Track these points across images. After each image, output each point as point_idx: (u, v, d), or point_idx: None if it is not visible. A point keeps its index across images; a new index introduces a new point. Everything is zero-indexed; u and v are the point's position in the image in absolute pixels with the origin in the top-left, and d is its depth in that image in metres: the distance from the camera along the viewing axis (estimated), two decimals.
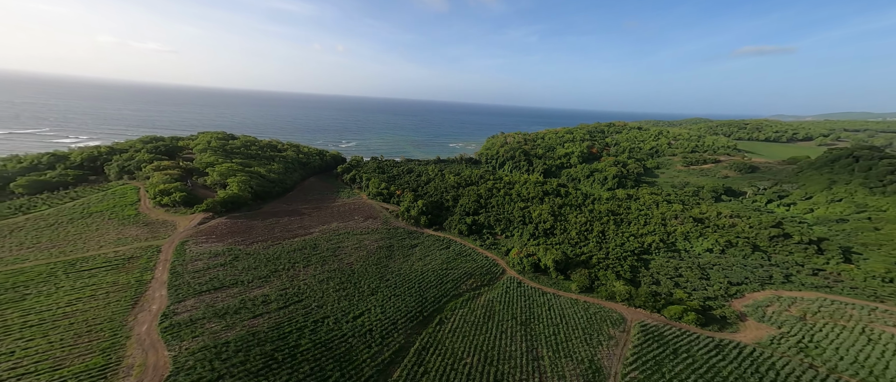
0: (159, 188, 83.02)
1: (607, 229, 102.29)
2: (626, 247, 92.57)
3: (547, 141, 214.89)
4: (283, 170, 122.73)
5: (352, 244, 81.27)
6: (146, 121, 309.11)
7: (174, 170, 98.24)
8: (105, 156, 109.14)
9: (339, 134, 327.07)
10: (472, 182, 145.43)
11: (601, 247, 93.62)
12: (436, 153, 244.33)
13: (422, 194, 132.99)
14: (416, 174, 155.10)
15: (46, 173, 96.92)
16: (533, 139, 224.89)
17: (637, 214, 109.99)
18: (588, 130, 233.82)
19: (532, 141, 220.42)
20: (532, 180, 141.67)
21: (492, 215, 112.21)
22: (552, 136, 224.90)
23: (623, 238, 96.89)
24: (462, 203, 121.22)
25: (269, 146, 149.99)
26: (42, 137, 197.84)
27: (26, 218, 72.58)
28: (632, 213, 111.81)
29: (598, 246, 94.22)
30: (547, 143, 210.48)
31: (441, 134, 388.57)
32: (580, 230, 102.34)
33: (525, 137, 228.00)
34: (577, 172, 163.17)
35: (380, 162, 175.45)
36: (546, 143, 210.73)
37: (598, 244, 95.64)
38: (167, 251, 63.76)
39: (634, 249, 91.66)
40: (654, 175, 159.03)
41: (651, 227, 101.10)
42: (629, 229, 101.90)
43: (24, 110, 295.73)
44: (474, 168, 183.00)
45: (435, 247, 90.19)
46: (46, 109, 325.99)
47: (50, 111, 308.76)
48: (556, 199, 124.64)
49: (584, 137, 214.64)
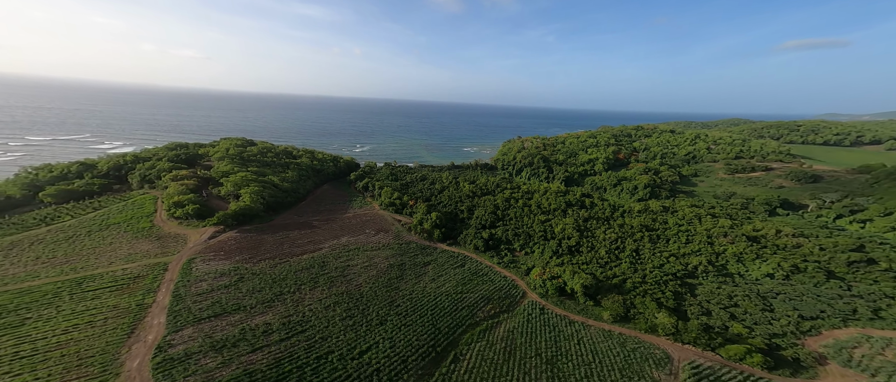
0: (174, 200, 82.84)
1: (642, 248, 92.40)
2: (666, 269, 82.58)
3: (568, 146, 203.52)
4: (296, 178, 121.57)
5: (361, 262, 77.13)
6: (177, 126, 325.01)
7: (190, 180, 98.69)
8: (129, 164, 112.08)
9: (355, 138, 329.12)
10: (488, 191, 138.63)
11: (636, 268, 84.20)
12: (450, 158, 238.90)
13: (435, 203, 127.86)
14: (430, 182, 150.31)
15: (75, 182, 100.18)
16: (552, 144, 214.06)
17: (676, 230, 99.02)
18: (613, 133, 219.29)
19: (552, 146, 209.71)
20: (553, 190, 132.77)
21: (510, 229, 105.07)
22: (573, 140, 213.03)
23: (662, 258, 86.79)
24: (478, 215, 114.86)
25: (284, 153, 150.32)
26: (82, 143, 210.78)
27: (48, 230, 73.94)
28: (670, 228, 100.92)
29: (633, 267, 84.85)
30: (568, 148, 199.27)
31: (455, 137, 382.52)
32: (610, 248, 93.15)
33: (544, 142, 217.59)
34: (603, 180, 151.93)
35: (393, 168, 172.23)
36: (567, 148, 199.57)
37: (633, 264, 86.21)
38: (174, 270, 62.10)
39: (676, 271, 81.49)
40: (691, 184, 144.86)
41: (695, 245, 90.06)
42: (668, 248, 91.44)
43: (69, 117, 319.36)
44: (490, 175, 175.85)
45: (449, 265, 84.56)
46: (90, 115, 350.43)
47: (92, 117, 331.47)
48: (580, 211, 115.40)
49: (608, 141, 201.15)
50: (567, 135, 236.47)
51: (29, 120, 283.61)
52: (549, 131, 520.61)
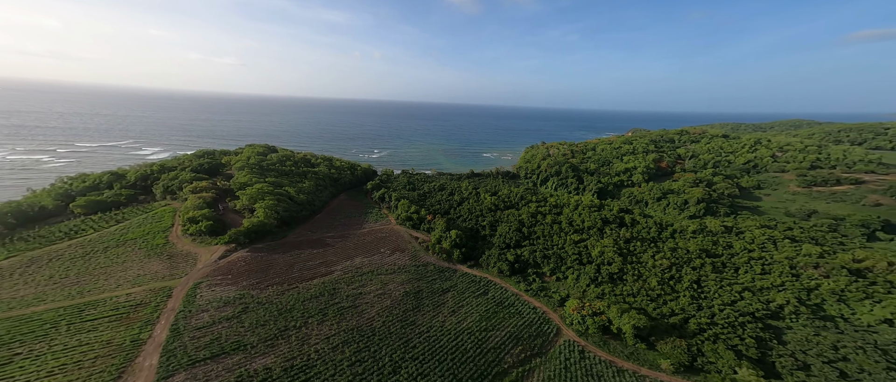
0: (188, 216, 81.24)
1: (704, 278, 78.57)
2: (740, 307, 68.69)
3: (600, 153, 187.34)
4: (313, 189, 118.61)
5: (375, 289, 70.64)
6: (210, 131, 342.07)
7: (208, 193, 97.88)
8: (156, 174, 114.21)
9: (373, 142, 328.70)
10: (512, 204, 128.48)
11: (700, 305, 71.06)
12: (469, 165, 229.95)
13: (454, 217, 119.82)
14: (449, 192, 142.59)
15: (104, 193, 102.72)
16: (581, 151, 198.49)
17: (746, 256, 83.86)
18: (651, 139, 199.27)
19: (581, 153, 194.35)
20: (585, 203, 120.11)
21: (538, 249, 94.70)
22: (605, 147, 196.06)
23: (733, 293, 72.71)
24: (501, 232, 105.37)
25: (303, 161, 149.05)
26: (124, 149, 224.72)
27: (69, 245, 74.29)
28: (738, 255, 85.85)
29: (695, 303, 71.74)
30: (600, 155, 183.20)
31: (473, 142, 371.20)
32: (663, 277, 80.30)
33: (572, 149, 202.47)
34: (644, 193, 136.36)
35: (410, 176, 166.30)
36: (599, 155, 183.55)
37: (694, 299, 73.10)
38: (178, 296, 58.75)
39: (755, 311, 67.51)
40: (755, 198, 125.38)
41: (775, 277, 74.88)
42: (739, 279, 76.94)
43: (117, 124, 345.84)
44: (512, 185, 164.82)
45: (470, 292, 76.18)
46: (135, 121, 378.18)
47: (136, 124, 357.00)
48: (620, 230, 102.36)
49: (647, 148, 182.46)
50: (598, 140, 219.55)
51: (83, 126, 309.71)
52: (573, 135, 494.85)
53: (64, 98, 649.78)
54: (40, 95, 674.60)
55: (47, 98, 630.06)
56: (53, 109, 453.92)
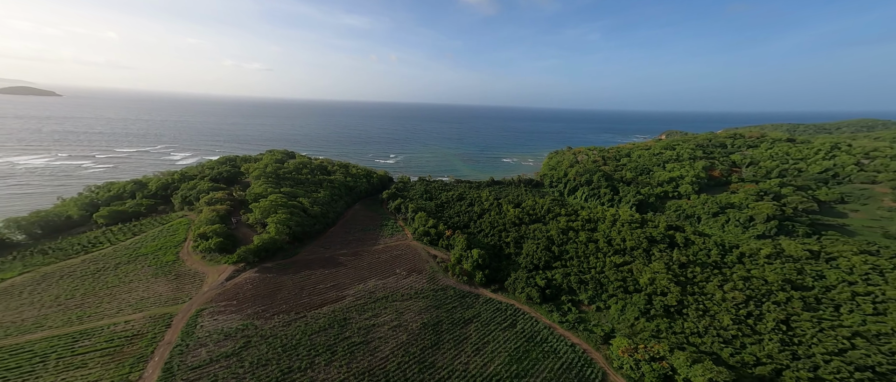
0: (199, 231, 78.38)
1: (796, 318, 64.52)
2: (852, 358, 54.47)
3: (637, 160, 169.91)
4: (328, 199, 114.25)
5: (389, 320, 63.35)
6: (237, 136, 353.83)
7: (223, 205, 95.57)
8: (176, 183, 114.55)
9: (388, 146, 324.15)
10: (538, 217, 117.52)
11: (794, 353, 57.52)
12: (487, 171, 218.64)
13: (474, 231, 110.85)
14: (468, 203, 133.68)
15: (127, 202, 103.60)
16: (614, 157, 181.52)
17: (847, 291, 68.61)
18: (697, 143, 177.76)
19: (614, 160, 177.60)
20: (624, 218, 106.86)
21: (572, 273, 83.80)
22: (642, 153, 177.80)
23: (838, 339, 58.24)
24: (528, 251, 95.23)
25: (319, 169, 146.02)
26: (156, 154, 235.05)
27: (83, 260, 73.20)
28: (835, 288, 70.54)
29: (787, 350, 58.18)
30: (637, 162, 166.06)
31: (491, 146, 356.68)
32: (737, 315, 67.07)
33: (603, 155, 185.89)
34: (696, 206, 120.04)
35: (427, 184, 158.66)
36: (636, 163, 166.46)
37: (784, 344, 59.56)
38: (177, 326, 54.37)
39: (875, 364, 53.09)
40: (839, 215, 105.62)
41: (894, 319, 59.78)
42: (844, 321, 62.33)
43: (152, 128, 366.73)
44: (537, 194, 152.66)
45: (496, 324, 67.14)
46: (169, 126, 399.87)
47: (170, 129, 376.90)
48: (671, 252, 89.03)
49: (693, 154, 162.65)
50: (632, 145, 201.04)
51: (124, 132, 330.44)
52: (597, 138, 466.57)
53: (113, 104, 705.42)
54: (95, 102, 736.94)
55: (100, 104, 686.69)
56: (103, 114, 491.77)
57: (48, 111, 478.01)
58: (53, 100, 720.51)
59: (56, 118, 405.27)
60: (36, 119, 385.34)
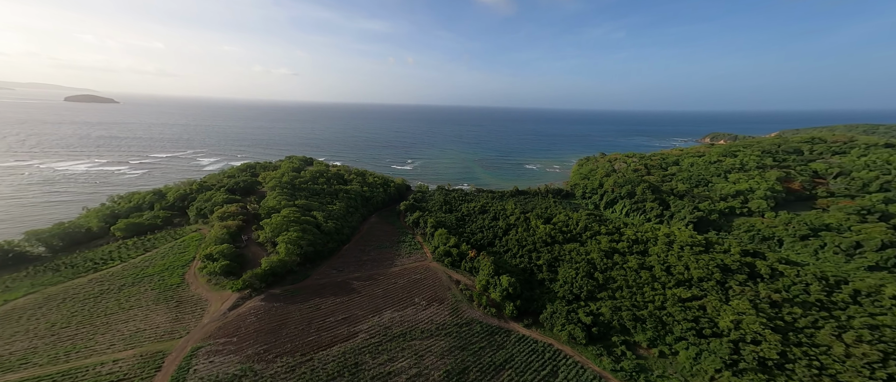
0: (206, 251, 73.33)
1: None
2: None
3: (688, 169, 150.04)
4: (344, 212, 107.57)
5: (407, 365, 54.05)
6: (261, 140, 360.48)
7: (235, 220, 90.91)
8: (194, 194, 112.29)
9: (406, 151, 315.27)
10: (574, 235, 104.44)
11: None
12: (510, 179, 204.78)
13: (499, 250, 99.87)
14: (492, 216, 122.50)
15: (144, 214, 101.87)
16: (660, 165, 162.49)
17: None
18: (764, 149, 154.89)
19: (659, 168, 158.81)
20: (683, 239, 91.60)
21: (623, 306, 70.98)
22: (695, 160, 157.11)
23: None
24: (565, 276, 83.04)
25: (336, 177, 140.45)
26: (185, 160, 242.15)
27: (90, 279, 69.87)
28: None
29: None
30: (690, 172, 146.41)
31: (512, 150, 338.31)
32: (874, 378, 51.93)
33: (646, 163, 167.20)
34: (775, 227, 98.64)
35: (446, 194, 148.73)
36: (688, 172, 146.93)
37: None
38: (169, 368, 47.93)
39: None
40: None
41: None
42: None
43: (185, 133, 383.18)
44: (568, 207, 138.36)
45: (534, 372, 56.32)
46: (200, 131, 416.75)
47: (200, 133, 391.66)
48: (754, 285, 73.49)
49: (761, 161, 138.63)
50: (680, 151, 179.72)
51: (160, 137, 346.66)
52: (631, 142, 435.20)
53: (157, 110, 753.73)
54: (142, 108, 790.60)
55: (146, 110, 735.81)
56: (145, 120, 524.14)
57: (99, 117, 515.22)
58: (111, 106, 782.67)
59: (105, 124, 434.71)
60: (87, 125, 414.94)
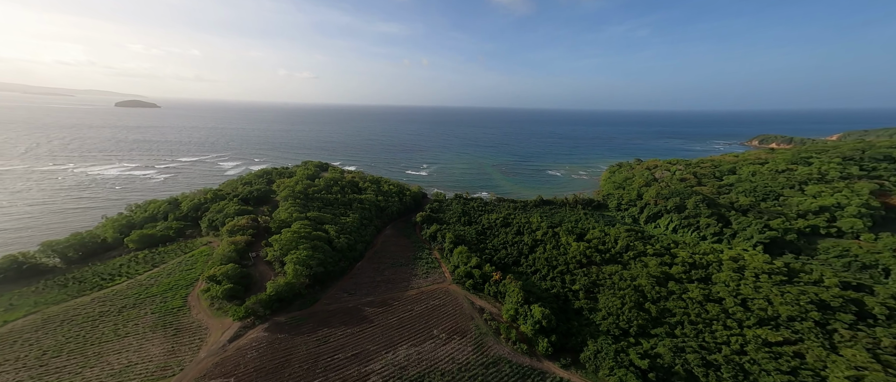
0: (210, 272, 68.16)
1: None
2: None
3: (750, 179, 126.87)
4: (357, 224, 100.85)
5: None
6: (282, 143, 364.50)
7: (244, 235, 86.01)
8: (207, 204, 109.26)
9: (421, 155, 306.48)
10: (613, 256, 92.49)
11: None
12: (532, 186, 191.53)
13: (526, 270, 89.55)
14: (516, 230, 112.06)
15: (158, 225, 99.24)
16: (712, 173, 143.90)
17: None
18: (844, 155, 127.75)
19: (712, 177, 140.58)
20: (757, 265, 77.78)
21: (687, 347, 59.46)
22: (756, 168, 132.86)
23: None
24: (608, 306, 71.98)
25: (350, 186, 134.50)
26: (208, 163, 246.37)
27: (92, 298, 66.17)
28: None
29: None
30: (752, 182, 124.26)
31: (532, 154, 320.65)
32: None
33: (694, 171, 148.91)
34: (879, 253, 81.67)
35: (465, 203, 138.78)
36: (750, 182, 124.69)
37: None
38: None
39: None
40: None
41: None
42: None
43: (210, 136, 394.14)
44: (602, 220, 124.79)
45: None
46: (225, 134, 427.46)
47: (223, 136, 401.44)
48: (868, 328, 59.45)
49: (845, 170, 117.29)
50: (735, 158, 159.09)
51: (188, 140, 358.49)
52: (665, 145, 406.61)
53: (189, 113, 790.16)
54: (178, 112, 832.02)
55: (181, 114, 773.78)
56: (177, 123, 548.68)
57: (138, 121, 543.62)
58: (152, 111, 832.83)
59: (141, 128, 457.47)
60: (126, 129, 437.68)
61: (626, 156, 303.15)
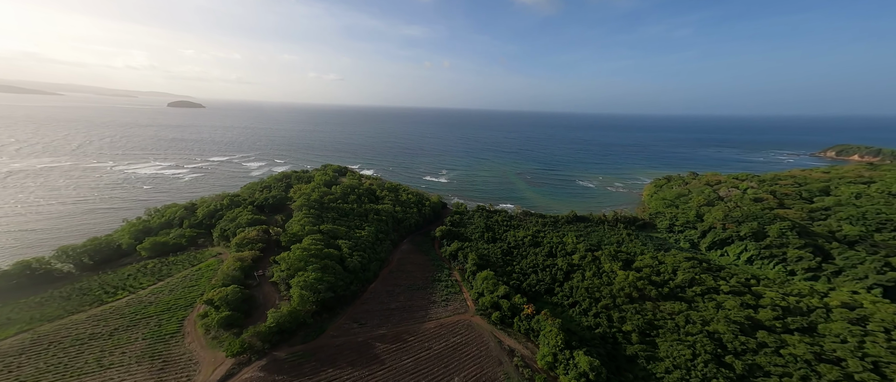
0: (208, 295, 61.23)
1: None
2: None
3: (851, 201, 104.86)
4: (372, 239, 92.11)
5: None
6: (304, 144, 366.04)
7: (253, 249, 79.56)
8: (222, 211, 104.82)
9: (440, 160, 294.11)
10: (673, 290, 77.44)
11: None
12: (562, 198, 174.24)
13: (563, 301, 76.60)
14: (547, 251, 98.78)
15: (171, 233, 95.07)
16: (796, 192, 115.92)
17: None
18: None
19: (798, 198, 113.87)
20: (884, 317, 60.72)
21: None
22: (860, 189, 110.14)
23: None
24: (673, 355, 58.34)
25: (367, 194, 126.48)
26: (235, 164, 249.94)
27: (88, 316, 61.02)
28: None
29: None
30: (855, 205, 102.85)
31: (559, 161, 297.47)
32: None
33: (773, 189, 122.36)
34: None
35: (488, 217, 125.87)
36: (855, 206, 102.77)
37: None
38: None
39: None
40: None
41: None
42: None
43: (238, 136, 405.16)
44: (652, 245, 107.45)
45: None
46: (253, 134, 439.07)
47: (251, 136, 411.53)
48: None
49: None
50: (824, 173, 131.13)
51: (220, 140, 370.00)
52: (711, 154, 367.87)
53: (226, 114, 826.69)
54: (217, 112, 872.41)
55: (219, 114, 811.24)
56: (212, 123, 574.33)
57: (180, 121, 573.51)
58: (197, 110, 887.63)
59: (181, 127, 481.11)
60: (167, 128, 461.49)
61: (668, 166, 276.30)
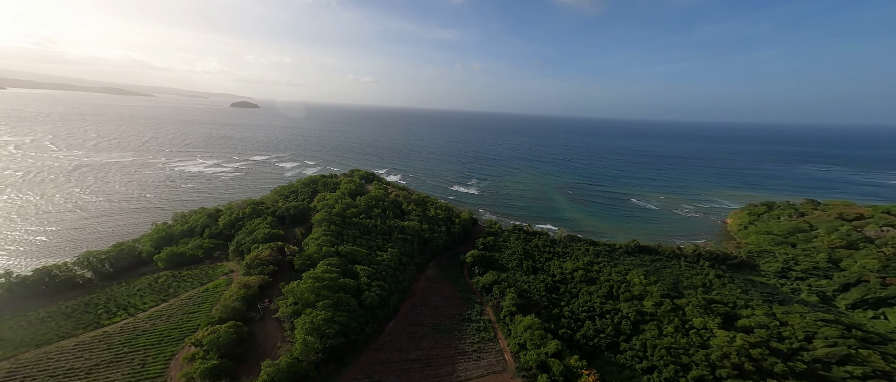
0: (197, 336, 51.39)
1: None
2: None
3: None
4: (395, 264, 79.36)
5: None
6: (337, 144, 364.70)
7: (263, 273, 70.12)
8: (243, 220, 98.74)
9: (468, 166, 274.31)
10: (811, 368, 55.61)
11: None
12: (614, 220, 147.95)
13: (632, 361, 58.24)
14: (605, 292, 79.44)
15: (190, 243, 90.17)
16: None
17: None
18: None
19: None
20: None
21: None
22: None
23: None
24: None
25: (393, 207, 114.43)
26: (271, 163, 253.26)
27: (74, 345, 54.08)
28: None
29: None
30: None
31: (604, 176, 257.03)
32: None
33: None
34: None
35: (526, 241, 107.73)
36: None
37: None
38: None
39: None
40: None
41: None
42: None
43: (279, 135, 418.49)
44: (758, 295, 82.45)
45: None
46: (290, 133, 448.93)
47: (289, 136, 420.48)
48: None
49: None
50: None
51: (264, 139, 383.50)
52: (802, 173, 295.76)
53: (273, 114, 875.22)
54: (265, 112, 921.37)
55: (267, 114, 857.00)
56: (257, 122, 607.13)
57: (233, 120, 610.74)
58: (252, 110, 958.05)
59: (231, 125, 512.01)
60: (221, 126, 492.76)
61: (753, 187, 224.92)
